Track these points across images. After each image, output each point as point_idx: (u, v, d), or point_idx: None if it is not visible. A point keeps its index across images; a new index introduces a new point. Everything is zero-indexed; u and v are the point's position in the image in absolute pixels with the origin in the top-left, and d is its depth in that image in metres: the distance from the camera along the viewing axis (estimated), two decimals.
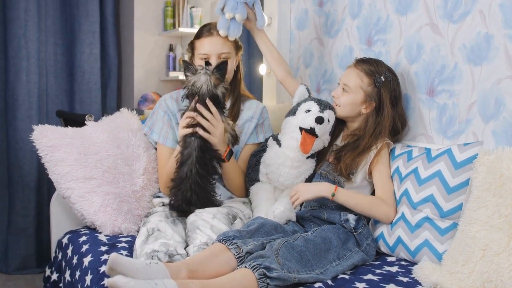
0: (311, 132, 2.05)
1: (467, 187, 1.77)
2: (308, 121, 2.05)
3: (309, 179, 2.17)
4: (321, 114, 2.06)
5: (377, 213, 1.97)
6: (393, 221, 1.95)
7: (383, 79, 2.07)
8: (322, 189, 1.98)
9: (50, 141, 2.20)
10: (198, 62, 2.22)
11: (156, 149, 2.35)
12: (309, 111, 2.09)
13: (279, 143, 2.15)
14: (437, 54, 2.08)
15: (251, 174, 2.23)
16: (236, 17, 2.20)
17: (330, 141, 2.16)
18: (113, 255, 1.44)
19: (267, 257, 1.61)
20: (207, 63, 2.08)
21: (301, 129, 2.07)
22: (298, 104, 2.17)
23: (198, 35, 2.26)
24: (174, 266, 1.54)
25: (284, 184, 2.15)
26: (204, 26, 2.29)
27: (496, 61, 1.87)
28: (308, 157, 2.12)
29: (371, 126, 2.07)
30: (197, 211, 2.02)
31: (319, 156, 2.17)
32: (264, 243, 1.72)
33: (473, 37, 1.94)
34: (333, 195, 1.95)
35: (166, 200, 2.20)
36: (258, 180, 2.21)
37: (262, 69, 3.00)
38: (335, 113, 2.12)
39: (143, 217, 2.17)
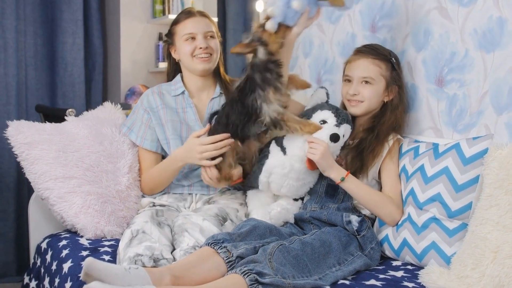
0: None
1: (476, 184, 1.77)
2: (323, 137, 2.00)
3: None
4: (337, 131, 2.01)
5: (383, 212, 1.97)
6: (399, 223, 1.95)
7: (394, 60, 2.12)
8: (334, 169, 1.97)
9: (26, 138, 2.20)
10: (182, 46, 2.23)
11: None
12: (324, 122, 2.04)
13: (283, 150, 2.08)
14: (446, 40, 2.08)
15: (253, 181, 2.16)
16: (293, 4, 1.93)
17: None
18: (89, 259, 1.44)
19: (259, 262, 1.60)
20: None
21: None
22: (314, 110, 2.11)
23: (177, 20, 2.28)
24: (157, 272, 1.54)
25: (286, 194, 2.12)
26: (182, 12, 2.32)
27: (510, 47, 1.86)
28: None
29: (395, 108, 2.10)
30: (186, 213, 2.02)
31: None
32: (256, 246, 1.72)
33: (485, 22, 1.94)
34: (342, 179, 1.95)
35: (157, 200, 2.20)
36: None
37: None
38: (351, 128, 2.09)
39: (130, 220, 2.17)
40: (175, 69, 2.39)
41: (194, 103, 2.29)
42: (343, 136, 2.04)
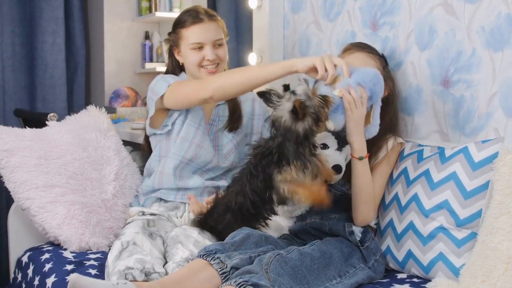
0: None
1: (486, 190, 1.77)
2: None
3: None
4: (338, 158, 2.00)
5: (364, 208, 1.94)
6: (400, 232, 1.95)
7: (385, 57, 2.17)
8: (361, 142, 1.90)
9: (5, 145, 2.19)
10: (189, 54, 2.22)
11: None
12: (326, 146, 2.03)
13: None
14: (452, 38, 2.09)
15: None
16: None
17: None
18: (74, 275, 1.44)
19: (255, 273, 1.60)
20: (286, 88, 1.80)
21: None
22: None
23: (183, 23, 2.23)
24: (147, 286, 1.54)
25: (281, 215, 2.14)
26: (187, 11, 2.27)
27: None
28: None
29: (390, 104, 2.11)
30: (183, 225, 2.02)
31: None
32: (252, 256, 1.71)
33: (493, 19, 1.95)
34: (361, 158, 1.90)
35: (146, 209, 2.20)
36: None
37: (252, 58, 3.00)
38: None
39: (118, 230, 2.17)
40: (178, 69, 2.35)
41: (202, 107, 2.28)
42: (345, 160, 2.04)
